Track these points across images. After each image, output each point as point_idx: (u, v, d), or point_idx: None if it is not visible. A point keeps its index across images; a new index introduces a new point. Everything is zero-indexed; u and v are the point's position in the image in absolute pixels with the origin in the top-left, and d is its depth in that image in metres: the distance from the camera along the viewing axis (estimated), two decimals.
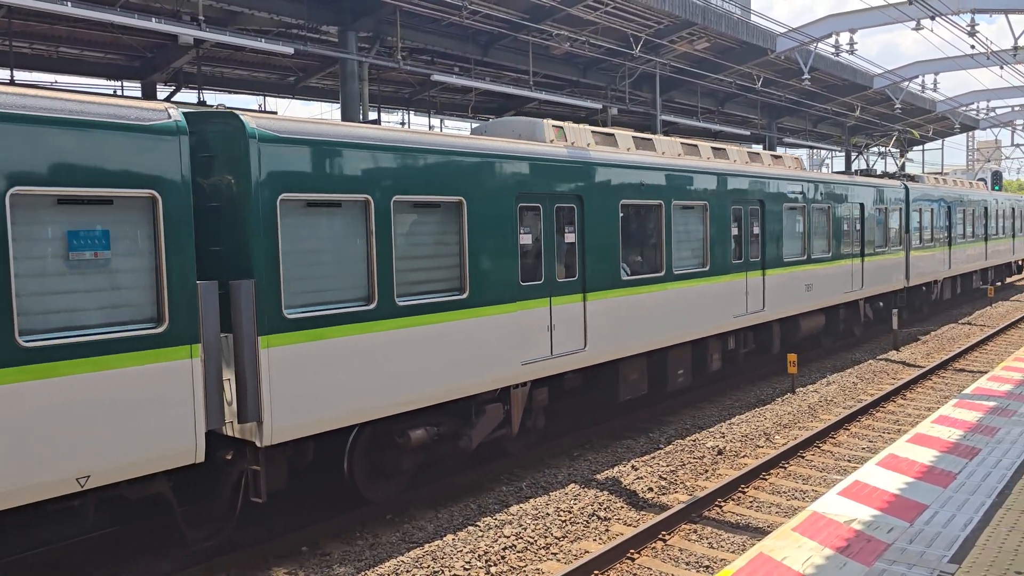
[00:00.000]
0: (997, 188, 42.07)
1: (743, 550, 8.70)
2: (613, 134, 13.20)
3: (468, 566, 8.29)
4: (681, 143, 14.73)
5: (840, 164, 59.85)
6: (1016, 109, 44.39)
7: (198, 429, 7.49)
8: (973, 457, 9.38)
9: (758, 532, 9.16)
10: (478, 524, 9.42)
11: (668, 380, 13.99)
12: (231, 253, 7.99)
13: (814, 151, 54.72)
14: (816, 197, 18.51)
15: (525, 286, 10.89)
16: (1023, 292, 35.71)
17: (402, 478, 10.05)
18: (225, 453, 8.33)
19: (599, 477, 11.03)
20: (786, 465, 11.55)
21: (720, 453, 12.12)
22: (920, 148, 54.25)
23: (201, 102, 19.71)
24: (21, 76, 20.22)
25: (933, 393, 16.10)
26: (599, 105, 25.24)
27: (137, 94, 21.09)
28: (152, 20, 14.77)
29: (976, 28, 22.33)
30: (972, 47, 24.10)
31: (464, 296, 10.00)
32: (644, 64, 25.69)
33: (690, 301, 14.06)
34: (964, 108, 41.78)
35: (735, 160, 16.06)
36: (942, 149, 57.12)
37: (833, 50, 25.04)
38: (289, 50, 17.34)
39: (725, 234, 15.06)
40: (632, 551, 8.60)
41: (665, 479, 10.95)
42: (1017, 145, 58.74)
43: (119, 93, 20.97)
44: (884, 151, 33.81)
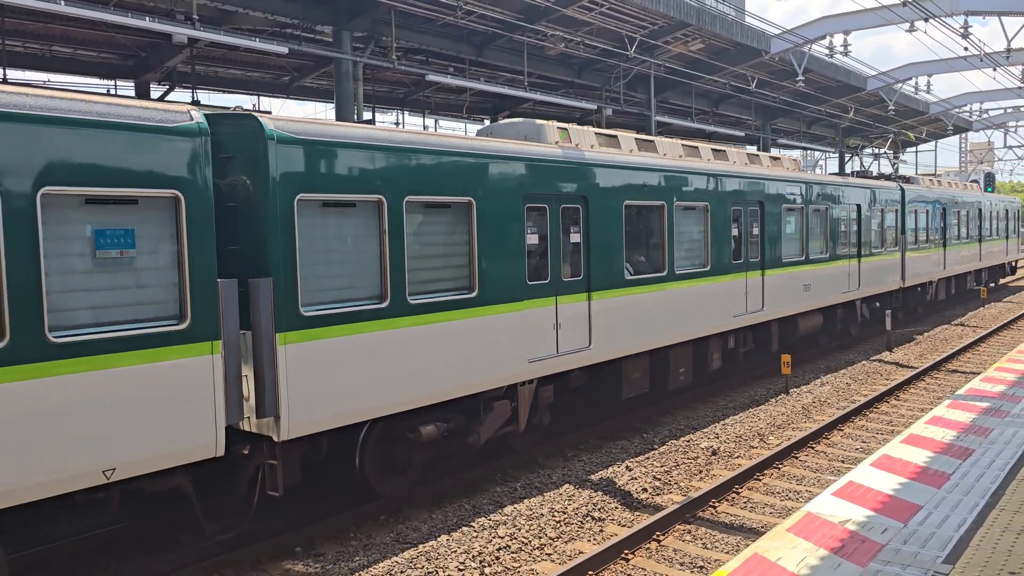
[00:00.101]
0: (990, 189, 42.24)
1: (737, 551, 8.71)
2: (616, 136, 13.34)
3: (463, 567, 8.28)
4: (682, 145, 14.88)
5: (833, 165, 60.00)
6: (1009, 111, 44.59)
7: (218, 423, 7.66)
8: (967, 458, 9.41)
9: (752, 532, 9.18)
10: (472, 524, 9.41)
11: (670, 379, 14.16)
12: (249, 252, 8.16)
13: (808, 152, 54.82)
14: (814, 198, 18.65)
15: (532, 285, 11.06)
16: (1016, 293, 35.83)
17: (412, 473, 10.22)
18: (241, 448, 8.46)
19: (593, 477, 11.03)
20: (780, 466, 11.56)
21: (714, 453, 12.14)
22: (913, 150, 54.40)
23: (195, 101, 19.66)
24: (14, 75, 20.18)
25: (926, 394, 16.14)
26: (594, 106, 25.25)
27: (131, 93, 21.03)
28: (146, 19, 14.73)
29: (969, 30, 22.42)
30: (965, 49, 24.20)
31: (473, 295, 10.16)
32: (639, 65, 25.72)
33: (691, 301, 14.23)
34: (957, 110, 41.94)
35: (734, 162, 16.21)
36: (935, 151, 57.26)
37: (827, 51, 25.15)
38: (284, 50, 17.31)
39: (725, 235, 15.21)
40: (626, 551, 8.61)
41: (659, 479, 10.95)
42: (1010, 147, 58.97)
43: (112, 92, 20.91)
44: (879, 153, 33.89)
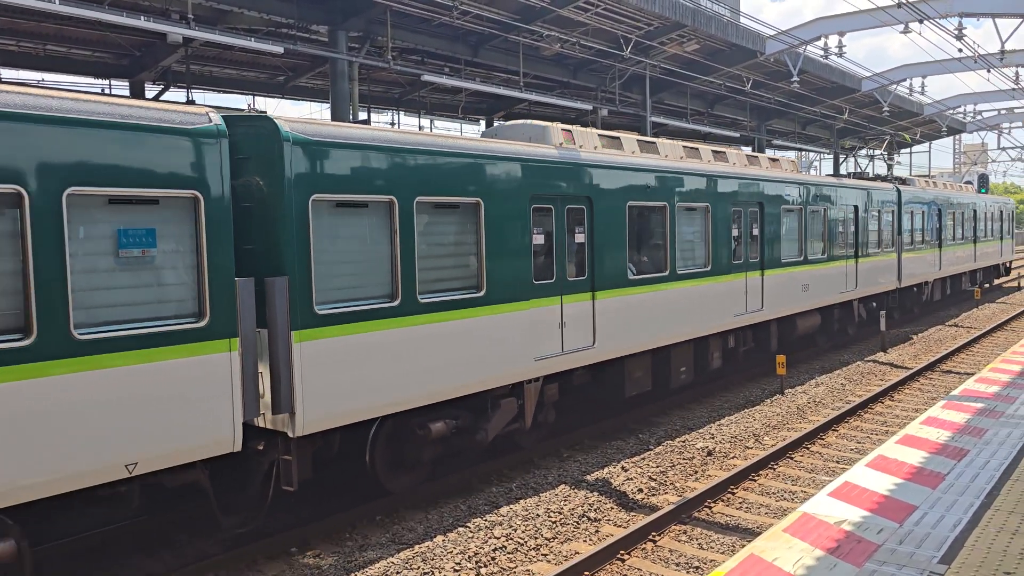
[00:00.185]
0: (984, 191, 42.30)
1: (733, 551, 8.71)
2: (618, 137, 13.50)
3: (458, 567, 8.27)
4: (683, 146, 15.06)
5: (828, 167, 60.10)
6: (1002, 112, 44.67)
7: (236, 419, 7.81)
8: (962, 458, 9.42)
9: (747, 533, 9.18)
10: (468, 525, 9.40)
11: (671, 377, 14.35)
12: (264, 251, 8.33)
13: (802, 153, 54.89)
14: (812, 199, 18.81)
15: (538, 284, 11.24)
16: (1009, 294, 35.93)
17: (422, 470, 10.37)
18: (256, 444, 8.60)
19: (589, 478, 11.03)
20: (775, 466, 11.57)
21: (710, 454, 12.14)
22: (908, 151, 54.52)
23: (190, 101, 19.61)
24: (8, 74, 20.13)
25: (920, 394, 16.17)
26: (589, 106, 25.25)
27: (125, 92, 20.97)
28: (141, 18, 14.69)
29: (963, 32, 22.47)
30: (960, 50, 24.25)
31: (481, 294, 10.35)
32: (634, 65, 25.72)
33: (693, 300, 14.42)
34: (951, 111, 42.02)
35: (734, 163, 16.37)
36: (929, 152, 57.38)
37: (822, 53, 25.17)
38: (279, 49, 17.27)
39: (726, 235, 15.38)
40: (622, 552, 8.61)
41: (655, 480, 10.95)
42: (1003, 148, 59.23)
43: (107, 92, 20.85)
44: (873, 154, 33.97)
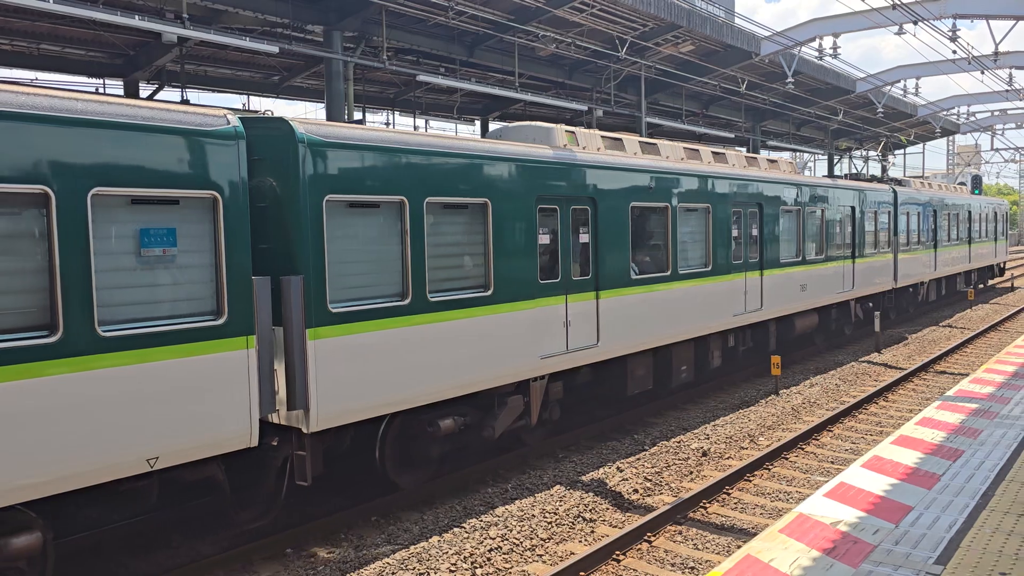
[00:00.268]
0: (977, 192, 42.46)
1: (728, 551, 8.72)
2: (621, 139, 13.66)
3: (454, 568, 8.26)
4: (684, 148, 15.22)
5: (823, 167, 60.24)
6: (996, 114, 44.80)
7: (253, 415, 7.97)
8: (956, 459, 9.44)
9: (743, 533, 9.19)
10: (463, 526, 9.39)
11: (672, 376, 14.52)
12: (280, 250, 8.49)
13: (797, 154, 55.02)
14: (810, 200, 18.99)
15: (543, 284, 11.42)
16: (1003, 295, 36.03)
17: (430, 466, 10.52)
18: (270, 439, 8.73)
19: (584, 478, 11.03)
20: (770, 466, 11.58)
21: (705, 454, 12.15)
22: (902, 152, 54.67)
23: (184, 100, 19.56)
24: (1, 73, 20.04)
25: (915, 395, 16.20)
26: (584, 107, 25.25)
27: (119, 92, 20.91)
28: (136, 18, 14.64)
29: (957, 33, 22.52)
30: (954, 52, 24.32)
31: (489, 293, 10.53)
32: (629, 66, 25.74)
33: (694, 300, 14.61)
34: (945, 112, 42.12)
35: (733, 164, 16.55)
36: (923, 153, 57.56)
37: (816, 54, 25.21)
38: (274, 49, 17.24)
39: (726, 235, 15.56)
40: (618, 552, 8.60)
41: (650, 480, 10.96)
42: (996, 149, 59.32)
43: (101, 91, 20.78)
44: (868, 155, 34.05)
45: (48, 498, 6.79)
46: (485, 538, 8.97)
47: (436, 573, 8.15)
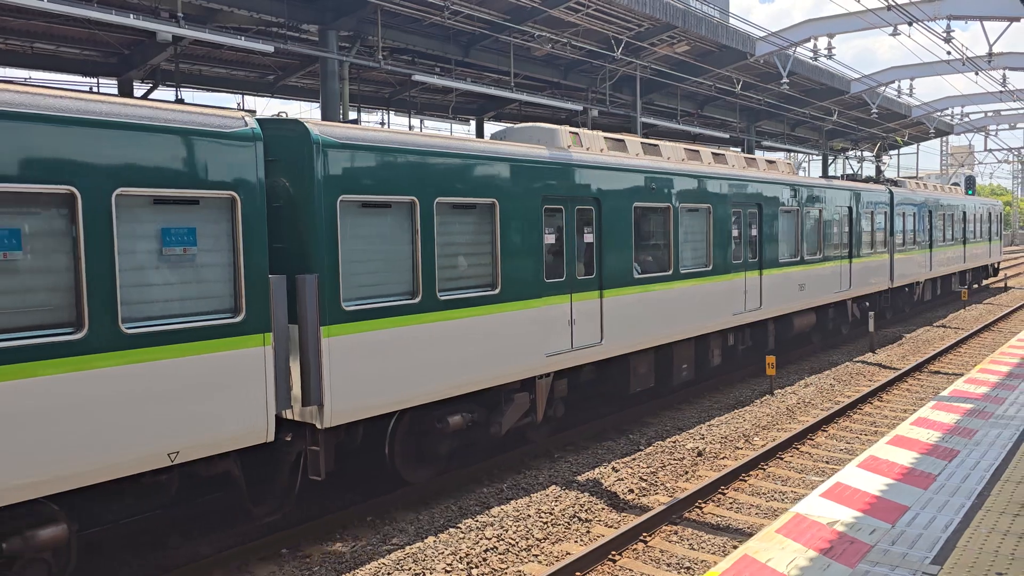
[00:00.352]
0: (971, 192, 42.55)
1: (724, 551, 8.72)
2: (623, 140, 13.83)
3: (450, 568, 8.25)
4: (684, 149, 15.42)
5: (817, 168, 60.33)
6: (989, 114, 44.91)
7: (269, 411, 8.14)
8: (952, 459, 9.46)
9: (738, 533, 9.19)
10: (459, 526, 9.38)
11: (673, 374, 14.74)
12: (295, 249, 8.66)
13: (791, 155, 55.11)
14: (809, 201, 19.20)
15: (549, 283, 11.58)
16: (996, 295, 36.13)
17: (439, 462, 10.69)
18: (284, 435, 8.88)
19: (580, 478, 11.02)
20: (765, 466, 11.59)
21: (700, 454, 12.15)
22: (895, 152, 54.79)
23: (179, 100, 19.51)
24: None
25: (909, 395, 16.23)
26: (580, 107, 25.25)
27: (114, 91, 20.85)
28: (130, 16, 14.60)
29: (952, 34, 22.57)
30: (948, 53, 24.37)
31: (496, 291, 10.69)
32: (625, 66, 25.75)
33: (695, 299, 14.81)
34: (939, 113, 42.21)
35: (733, 165, 16.73)
36: (917, 153, 57.71)
37: (811, 55, 25.25)
38: (269, 48, 17.21)
39: (726, 235, 15.76)
40: (613, 552, 8.60)
41: (645, 480, 10.95)
42: (990, 150, 59.54)
43: (95, 90, 20.70)
44: (862, 156, 34.12)
45: (68, 492, 6.90)
46: (481, 538, 8.96)
47: (432, 573, 8.13)
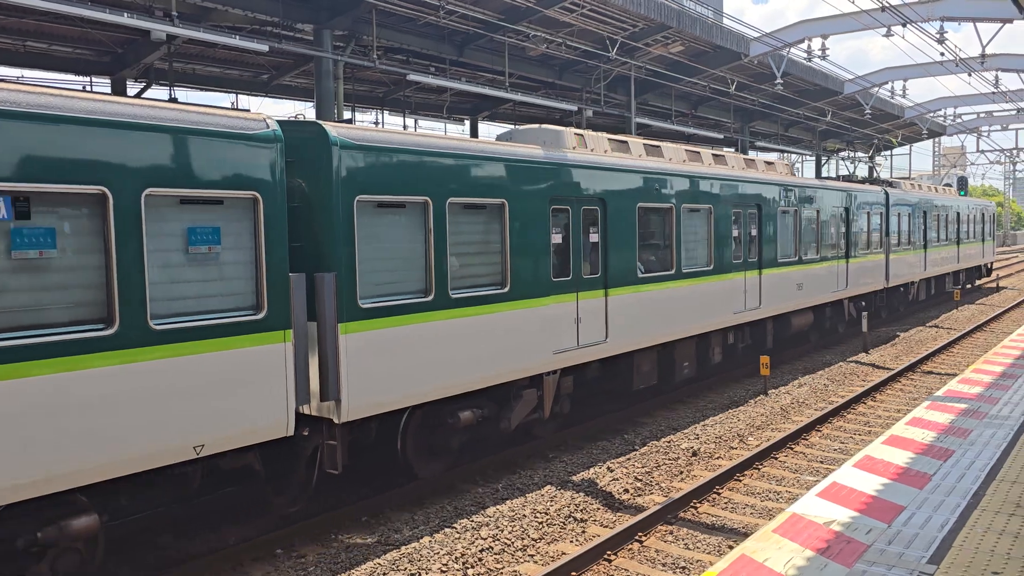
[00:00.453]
0: (963, 193, 42.72)
1: (719, 551, 8.72)
2: (626, 141, 14.05)
3: (446, 568, 8.23)
4: (686, 150, 15.66)
5: (810, 168, 60.45)
6: (981, 115, 45.09)
7: (289, 406, 8.34)
8: (947, 459, 9.47)
9: (733, 533, 9.19)
10: (454, 526, 9.36)
11: (675, 372, 14.99)
12: (313, 248, 8.86)
13: (785, 155, 55.23)
14: (807, 201, 19.42)
15: (556, 281, 11.81)
16: (988, 295, 36.25)
17: (449, 456, 10.92)
18: (302, 429, 9.04)
19: (575, 478, 11.01)
20: (760, 466, 11.60)
21: (694, 454, 12.15)
22: (888, 153, 54.94)
23: (172, 99, 19.44)
24: None
25: (902, 395, 16.27)
26: (574, 107, 25.26)
27: (107, 90, 20.77)
28: (124, 15, 14.54)
29: (945, 35, 22.64)
30: (941, 54, 24.45)
31: (506, 290, 10.91)
32: (619, 67, 25.75)
33: (696, 298, 15.07)
34: (932, 114, 42.35)
35: (733, 166, 16.96)
36: (909, 154, 57.87)
37: (805, 55, 25.30)
38: (264, 47, 17.17)
39: (727, 235, 16.01)
40: (609, 552, 8.59)
41: (640, 480, 10.95)
42: (982, 151, 59.72)
43: (88, 89, 20.62)
44: (855, 156, 34.21)
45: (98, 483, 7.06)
46: (476, 538, 8.94)
47: (428, 573, 8.11)
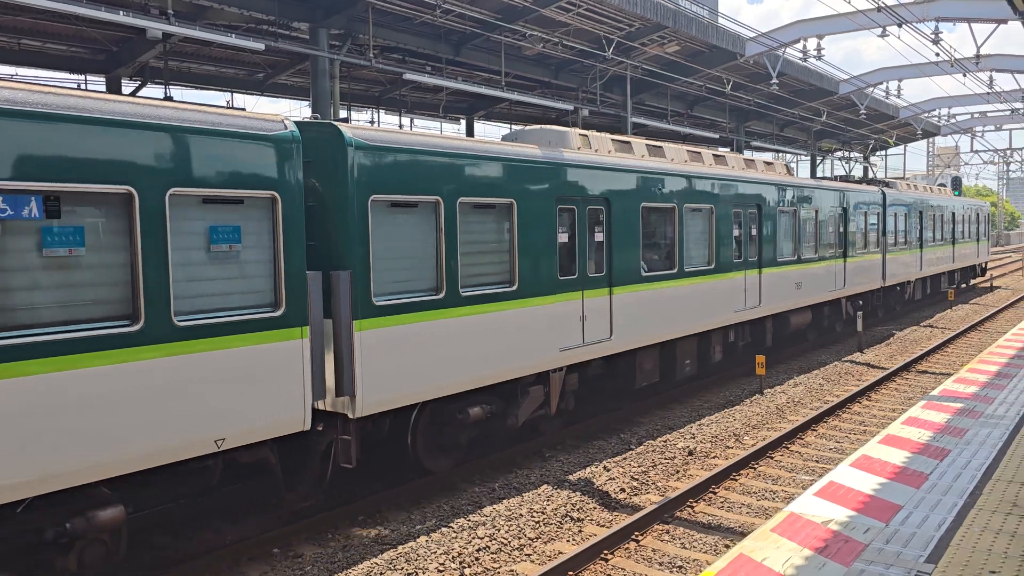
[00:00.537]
0: (957, 193, 42.82)
1: (715, 550, 8.73)
2: (629, 142, 14.27)
3: (442, 567, 8.22)
4: (687, 150, 15.84)
5: (805, 168, 60.54)
6: (976, 116, 45.21)
7: (306, 401, 8.51)
8: (943, 458, 9.49)
9: (730, 532, 9.20)
10: (451, 525, 9.35)
11: (677, 369, 15.16)
12: (328, 247, 9.03)
13: (779, 155, 55.31)
14: (805, 201, 19.60)
15: (562, 280, 11.99)
16: (982, 295, 36.35)
17: (458, 452, 11.07)
18: (317, 424, 9.18)
19: (571, 478, 11.01)
20: (755, 465, 11.61)
21: (691, 454, 12.16)
22: (883, 153, 55.06)
23: (168, 97, 19.39)
24: None
25: (897, 394, 16.30)
26: (570, 106, 25.26)
27: (101, 88, 20.70)
28: (120, 13, 14.49)
29: (940, 36, 22.69)
30: (936, 55, 24.50)
31: (514, 288, 11.10)
32: (615, 66, 25.77)
33: (698, 296, 15.27)
34: (926, 114, 42.46)
35: (733, 166, 17.15)
36: (904, 154, 58.02)
37: (801, 55, 25.34)
38: (260, 46, 17.13)
39: (728, 235, 16.21)
40: (606, 552, 8.59)
41: (637, 480, 10.95)
42: (976, 151, 59.87)
43: (82, 87, 20.56)
44: (850, 156, 34.29)
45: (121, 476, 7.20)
46: (473, 537, 8.94)
47: (424, 573, 8.11)
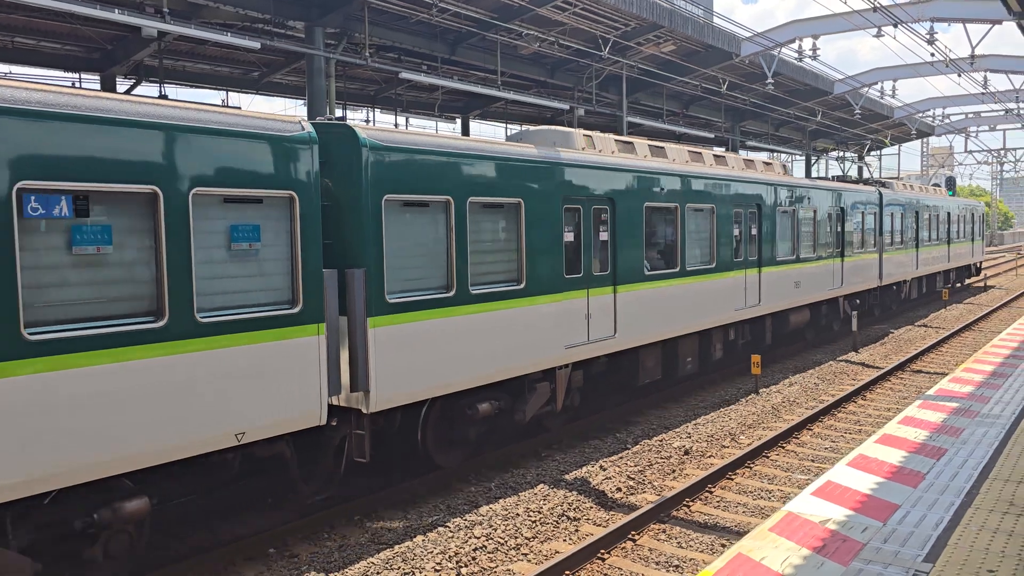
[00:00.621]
0: (952, 193, 42.94)
1: (712, 550, 8.72)
2: (632, 142, 14.42)
3: (439, 567, 8.20)
4: (688, 151, 16.01)
5: (799, 168, 60.63)
6: (970, 116, 45.33)
7: (322, 396, 8.70)
8: (940, 457, 9.50)
9: (726, 532, 9.19)
10: (448, 525, 9.33)
11: (679, 367, 15.35)
12: (343, 246, 9.20)
13: (775, 154, 55.38)
14: (804, 201, 19.75)
15: (568, 278, 12.18)
16: (976, 295, 36.43)
17: (467, 447, 11.24)
18: (331, 419, 9.30)
19: (568, 477, 11.00)
20: (752, 465, 11.61)
21: (687, 453, 12.16)
22: (877, 153, 55.18)
23: (163, 96, 19.33)
24: None
25: (892, 394, 16.32)
26: (566, 106, 25.26)
27: (96, 86, 20.64)
28: (115, 11, 14.43)
29: (935, 36, 22.73)
30: (932, 55, 24.54)
31: (521, 286, 11.29)
32: (611, 66, 25.77)
33: (699, 295, 15.48)
34: (920, 115, 42.54)
35: (733, 167, 17.30)
36: (898, 154, 58.13)
37: (796, 55, 25.37)
38: (255, 45, 17.09)
39: (728, 234, 16.40)
40: (602, 551, 8.57)
41: (633, 479, 10.95)
42: (970, 151, 60.04)
43: (77, 85, 20.48)
44: (844, 156, 34.37)
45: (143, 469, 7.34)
46: (470, 537, 8.92)
47: (421, 572, 8.09)
